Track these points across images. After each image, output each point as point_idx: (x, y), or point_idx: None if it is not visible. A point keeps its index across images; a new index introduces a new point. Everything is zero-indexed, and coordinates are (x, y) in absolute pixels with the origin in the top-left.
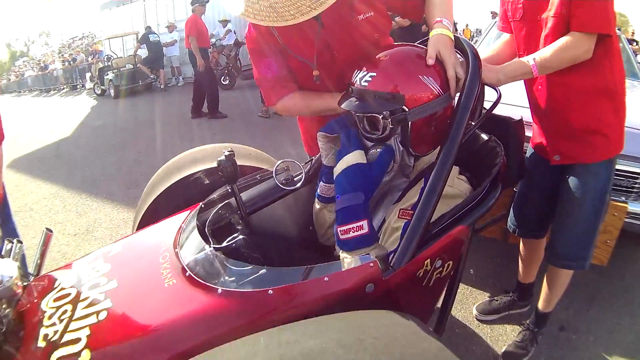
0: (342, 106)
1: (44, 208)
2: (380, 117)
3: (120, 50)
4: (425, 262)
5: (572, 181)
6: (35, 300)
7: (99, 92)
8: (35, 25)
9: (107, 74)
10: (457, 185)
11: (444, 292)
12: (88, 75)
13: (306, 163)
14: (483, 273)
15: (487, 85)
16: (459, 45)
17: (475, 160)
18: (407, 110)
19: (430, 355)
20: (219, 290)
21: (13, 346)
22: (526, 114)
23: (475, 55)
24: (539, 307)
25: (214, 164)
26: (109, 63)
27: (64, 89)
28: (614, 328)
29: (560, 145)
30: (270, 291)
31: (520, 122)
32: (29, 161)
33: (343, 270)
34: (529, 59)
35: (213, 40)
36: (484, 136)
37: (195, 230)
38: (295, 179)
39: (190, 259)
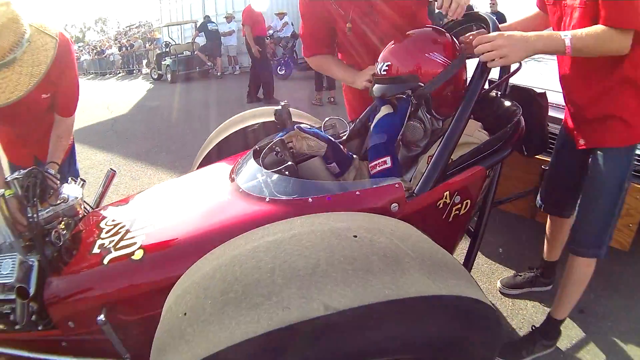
0: (372, 93)
1: (98, 172)
2: (404, 96)
3: (178, 38)
4: (445, 193)
5: (592, 166)
6: (92, 225)
7: (156, 76)
8: (91, 13)
9: (165, 60)
10: (478, 136)
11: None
12: (145, 61)
13: (351, 121)
14: (510, 252)
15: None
16: (479, 16)
17: (497, 122)
18: (423, 85)
19: (439, 254)
20: (267, 199)
21: (68, 256)
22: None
23: (495, 24)
24: (550, 311)
25: (272, 119)
26: (167, 49)
27: (120, 73)
28: (633, 315)
29: (584, 129)
30: (310, 199)
31: (543, 95)
32: (86, 133)
33: (372, 186)
34: (566, 39)
35: (270, 32)
36: (507, 102)
37: (251, 159)
38: (340, 135)
39: (243, 180)
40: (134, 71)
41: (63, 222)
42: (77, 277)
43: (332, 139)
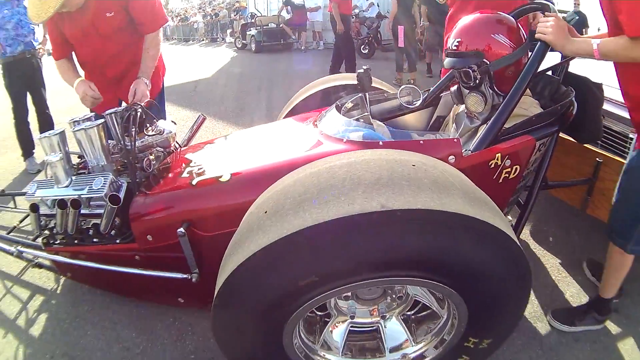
0: (444, 65)
1: (181, 127)
2: (471, 70)
3: (263, 10)
4: (497, 155)
5: (636, 159)
6: (181, 158)
7: (240, 45)
8: None
9: (250, 30)
10: (533, 110)
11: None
12: (229, 30)
13: (425, 91)
14: (559, 244)
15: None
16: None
17: (552, 102)
18: (488, 62)
19: (481, 194)
20: (345, 139)
21: (155, 181)
22: None
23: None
24: (599, 289)
25: (353, 81)
26: (253, 20)
27: (203, 40)
28: None
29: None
30: (381, 142)
31: (599, 86)
32: (168, 92)
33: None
34: (595, 43)
35: (356, 11)
36: (563, 87)
37: (334, 109)
38: (414, 102)
39: (326, 126)
40: (218, 39)
41: (154, 153)
42: (163, 196)
43: None
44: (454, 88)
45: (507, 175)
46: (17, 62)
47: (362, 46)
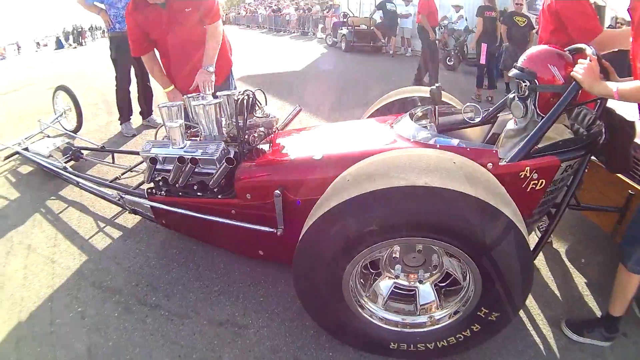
0: (509, 74)
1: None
2: (524, 84)
3: (356, 11)
4: (526, 167)
5: None
6: (280, 138)
7: (330, 42)
8: None
9: (342, 29)
10: (564, 136)
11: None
12: (320, 26)
13: (484, 110)
14: (590, 264)
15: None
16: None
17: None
18: (537, 84)
19: (503, 192)
20: (411, 140)
21: (258, 153)
22: None
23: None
24: (609, 305)
25: (427, 95)
26: (345, 19)
27: (294, 32)
28: None
29: None
30: (438, 145)
31: (630, 123)
32: (265, 81)
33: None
34: (615, 87)
35: (445, 22)
36: (598, 121)
37: (407, 116)
38: (475, 119)
39: (399, 128)
40: (309, 33)
41: (257, 132)
42: (264, 165)
43: None
44: (511, 95)
45: (534, 186)
46: (125, 37)
47: (448, 58)
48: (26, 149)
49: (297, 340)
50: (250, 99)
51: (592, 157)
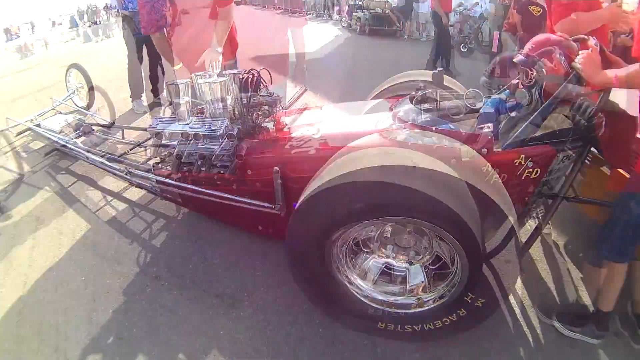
0: (514, 61)
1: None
2: (530, 72)
3: None
4: (521, 155)
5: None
6: (284, 117)
7: (345, 25)
8: None
9: (357, 12)
10: (562, 126)
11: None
12: (336, 8)
13: (487, 96)
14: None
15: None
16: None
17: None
18: (544, 72)
19: (497, 186)
20: (409, 122)
21: (260, 131)
22: None
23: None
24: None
25: (429, 78)
26: (360, 2)
27: (309, 14)
28: None
29: None
30: (434, 128)
31: (631, 117)
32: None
33: (475, 132)
34: (614, 73)
35: (461, 8)
36: (599, 113)
37: (407, 99)
38: (477, 105)
39: (399, 111)
40: (324, 15)
41: (262, 110)
42: (266, 142)
43: None
44: (514, 81)
45: (529, 174)
46: (136, 16)
47: (462, 45)
48: (38, 125)
49: (289, 315)
50: (255, 77)
51: (594, 150)
